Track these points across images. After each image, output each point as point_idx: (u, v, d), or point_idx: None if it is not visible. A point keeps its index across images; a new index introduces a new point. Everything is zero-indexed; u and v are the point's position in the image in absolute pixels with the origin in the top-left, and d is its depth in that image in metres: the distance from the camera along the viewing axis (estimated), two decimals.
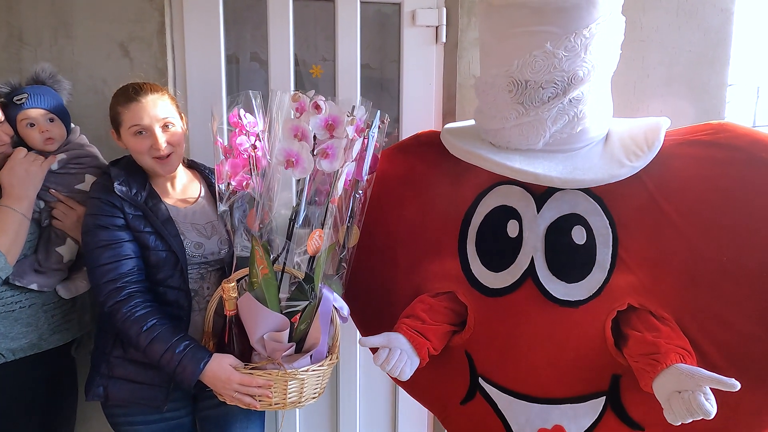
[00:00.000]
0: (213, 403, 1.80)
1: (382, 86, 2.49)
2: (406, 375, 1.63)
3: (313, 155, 1.61)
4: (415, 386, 1.95)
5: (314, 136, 1.62)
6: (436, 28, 2.33)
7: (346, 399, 2.58)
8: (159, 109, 1.71)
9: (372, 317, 2.00)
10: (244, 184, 1.71)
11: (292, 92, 1.61)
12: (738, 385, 1.22)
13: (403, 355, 1.62)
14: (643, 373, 1.39)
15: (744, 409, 1.41)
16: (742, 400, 1.39)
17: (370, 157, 1.76)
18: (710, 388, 1.26)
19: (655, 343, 1.38)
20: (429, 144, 1.84)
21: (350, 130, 1.62)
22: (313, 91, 1.62)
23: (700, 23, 2.25)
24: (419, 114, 2.39)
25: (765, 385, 1.39)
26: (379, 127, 1.76)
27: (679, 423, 1.28)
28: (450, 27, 2.31)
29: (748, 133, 1.42)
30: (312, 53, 2.43)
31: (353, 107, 1.66)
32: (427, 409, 2.54)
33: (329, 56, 2.37)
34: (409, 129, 2.36)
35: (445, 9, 2.31)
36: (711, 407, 1.24)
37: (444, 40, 2.33)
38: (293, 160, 1.59)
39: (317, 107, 1.58)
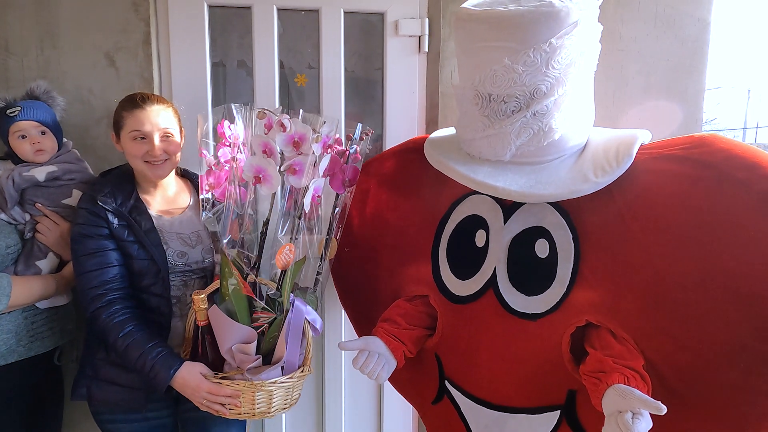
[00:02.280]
0: (194, 405, 1.77)
1: (368, 94, 2.46)
2: (383, 378, 1.65)
3: (281, 171, 1.61)
4: (398, 383, 2.00)
5: (282, 153, 1.62)
6: (419, 37, 2.30)
7: (332, 400, 2.56)
8: (161, 118, 1.74)
9: (361, 315, 2.05)
10: (227, 194, 1.72)
11: (257, 109, 1.63)
12: (664, 409, 1.14)
13: (380, 359, 1.65)
14: (591, 391, 1.33)
15: None
16: (697, 428, 1.32)
17: (350, 171, 1.75)
18: (651, 414, 1.19)
19: (602, 361, 1.31)
20: (417, 151, 1.81)
21: (316, 147, 1.62)
22: (280, 107, 1.63)
23: (677, 33, 2.22)
24: (403, 122, 2.37)
25: (725, 417, 1.29)
26: (361, 138, 1.76)
27: None
28: (432, 37, 2.29)
29: (726, 148, 1.29)
30: (299, 61, 2.40)
31: (323, 123, 1.66)
32: (411, 410, 2.58)
33: (315, 64, 2.34)
34: (392, 136, 2.35)
35: (427, 19, 2.29)
36: (631, 425, 1.17)
37: (426, 50, 2.31)
38: (261, 176, 1.60)
39: (282, 125, 1.58)
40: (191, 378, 1.64)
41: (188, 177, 1.97)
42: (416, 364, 1.78)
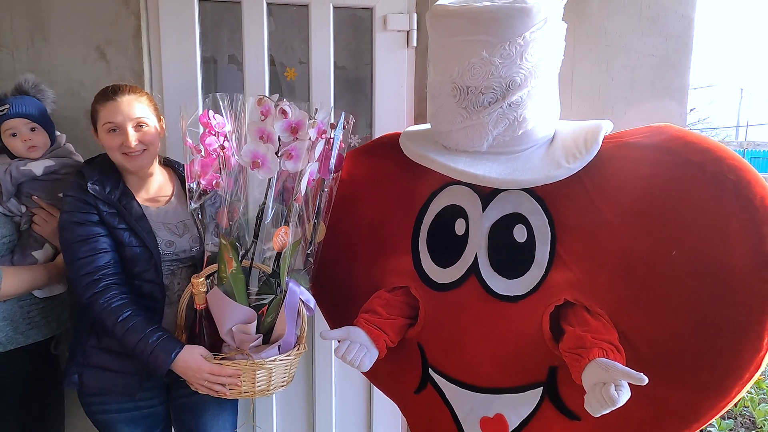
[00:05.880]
0: (186, 392, 1.88)
1: (357, 88, 2.57)
2: (366, 366, 1.73)
3: (278, 156, 1.70)
4: (376, 377, 2.07)
5: (278, 138, 1.71)
6: (407, 32, 2.42)
7: (322, 387, 2.68)
8: (134, 109, 1.79)
9: (337, 309, 2.12)
10: (214, 182, 1.79)
11: (257, 96, 1.71)
12: (645, 380, 1.28)
13: (362, 348, 1.72)
14: (571, 366, 1.46)
15: (673, 403, 1.46)
16: (671, 395, 1.45)
17: (335, 157, 1.84)
18: (629, 383, 1.33)
19: (582, 337, 1.44)
20: (391, 146, 1.92)
21: (312, 133, 1.72)
22: (278, 95, 1.72)
23: (662, 29, 2.33)
24: (392, 116, 2.48)
25: (692, 380, 1.44)
26: (344, 127, 1.85)
27: (598, 414, 1.35)
28: (420, 32, 2.40)
29: (681, 136, 1.47)
30: (289, 56, 2.51)
31: (315, 110, 1.75)
32: None
33: (305, 59, 2.45)
34: (382, 130, 2.45)
35: (415, 14, 2.40)
36: (617, 397, 1.30)
37: (414, 45, 2.42)
38: (259, 161, 1.68)
39: (284, 112, 1.67)
40: (192, 361, 1.72)
41: (170, 166, 2.04)
42: (398, 354, 1.87)
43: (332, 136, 1.81)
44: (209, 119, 1.77)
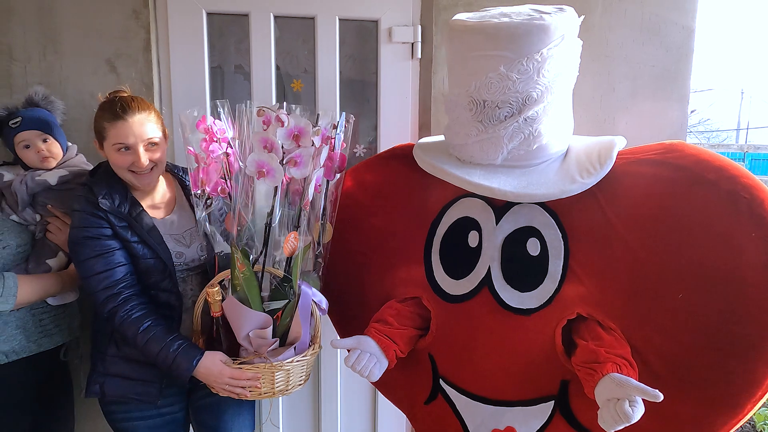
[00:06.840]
0: (205, 393, 1.93)
1: (362, 98, 2.60)
2: (375, 376, 1.75)
3: (283, 164, 1.72)
4: (385, 386, 2.09)
5: (282, 147, 1.73)
6: (412, 44, 2.45)
7: (328, 388, 2.71)
8: (145, 129, 1.77)
9: (347, 318, 2.14)
10: (219, 189, 1.82)
11: (257, 108, 1.73)
12: (661, 396, 1.29)
13: (372, 357, 1.74)
14: (584, 380, 1.48)
15: (686, 418, 1.48)
16: (683, 410, 1.47)
17: (338, 158, 1.88)
18: (642, 399, 1.34)
19: (595, 352, 1.46)
20: (403, 157, 1.94)
21: (316, 140, 1.74)
22: (278, 104, 1.73)
23: (662, 40, 2.39)
24: (396, 126, 2.52)
25: (705, 396, 1.46)
26: (345, 127, 1.88)
27: (611, 430, 1.36)
28: (425, 44, 2.44)
29: (694, 153, 1.50)
30: (294, 65, 2.53)
31: (317, 117, 1.79)
32: None
33: (311, 68, 2.49)
34: (386, 140, 2.49)
35: (420, 26, 2.44)
36: (632, 413, 1.31)
37: (419, 56, 2.46)
38: (264, 170, 1.70)
39: (279, 120, 1.70)
40: (213, 366, 1.76)
41: (170, 171, 2.04)
42: (408, 365, 1.88)
43: (334, 136, 1.84)
44: (210, 126, 1.79)
